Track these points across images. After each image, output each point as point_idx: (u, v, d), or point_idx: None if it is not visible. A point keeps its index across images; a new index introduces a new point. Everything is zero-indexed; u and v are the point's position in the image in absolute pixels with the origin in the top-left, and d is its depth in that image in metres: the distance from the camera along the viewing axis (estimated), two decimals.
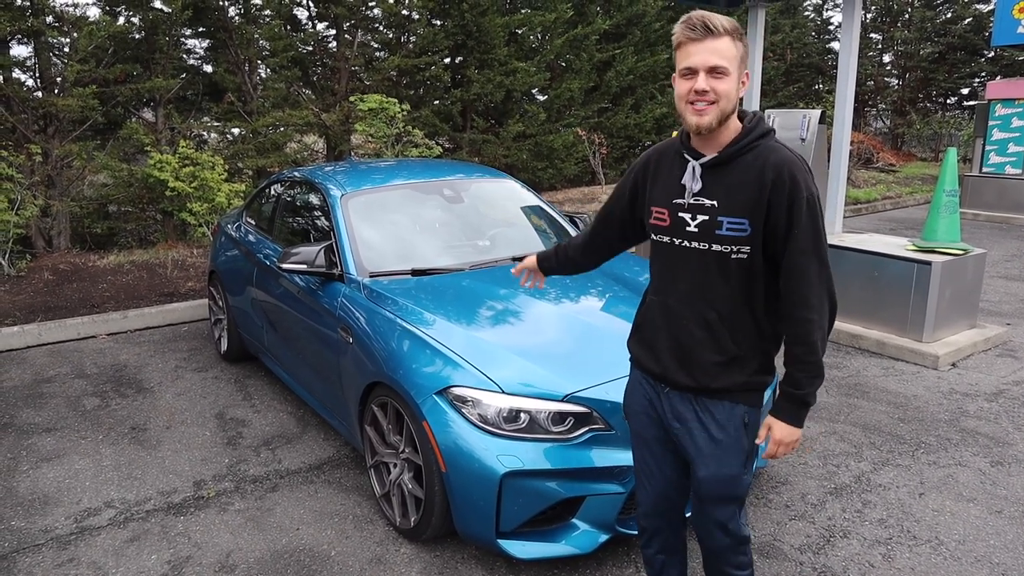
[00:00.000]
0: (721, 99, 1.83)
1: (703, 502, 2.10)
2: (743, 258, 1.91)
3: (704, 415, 2.03)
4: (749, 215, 1.87)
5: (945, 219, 5.47)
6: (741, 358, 1.99)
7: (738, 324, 1.98)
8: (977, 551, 2.99)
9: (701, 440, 2.04)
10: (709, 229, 1.92)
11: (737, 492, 2.08)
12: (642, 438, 2.21)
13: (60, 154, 8.41)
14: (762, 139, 1.91)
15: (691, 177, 1.94)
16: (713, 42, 1.81)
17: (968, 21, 19.19)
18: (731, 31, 1.82)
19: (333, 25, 11.52)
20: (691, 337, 2.01)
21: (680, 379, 2.04)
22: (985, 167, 11.76)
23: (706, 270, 1.95)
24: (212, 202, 8.00)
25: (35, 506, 3.42)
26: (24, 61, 8.61)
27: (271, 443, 4.02)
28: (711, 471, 2.03)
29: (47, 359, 5.44)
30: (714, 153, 1.92)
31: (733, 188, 1.89)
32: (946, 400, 4.51)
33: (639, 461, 2.24)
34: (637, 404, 2.20)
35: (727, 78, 1.83)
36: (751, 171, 1.88)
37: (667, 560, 2.35)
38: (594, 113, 14.08)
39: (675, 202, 1.98)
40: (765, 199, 1.85)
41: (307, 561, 2.97)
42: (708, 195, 1.92)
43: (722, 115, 1.86)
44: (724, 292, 1.95)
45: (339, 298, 3.56)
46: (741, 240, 1.89)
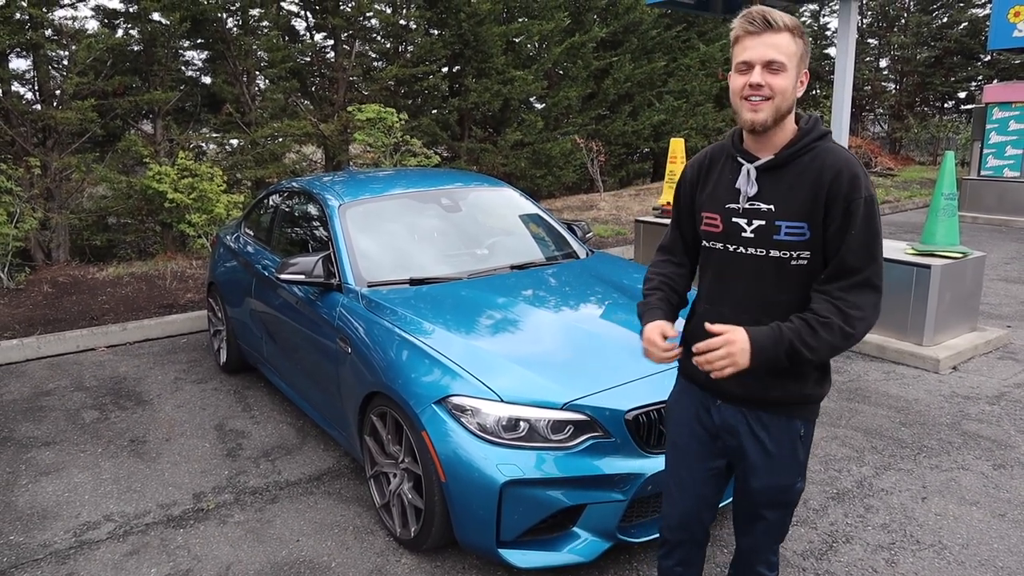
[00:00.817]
0: (776, 95, 1.77)
1: (756, 506, 2.05)
2: (803, 264, 1.83)
3: (758, 429, 1.96)
4: (808, 219, 1.80)
5: (944, 222, 5.47)
6: (799, 370, 1.88)
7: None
8: (981, 555, 2.97)
9: (754, 454, 1.97)
10: (766, 234, 1.84)
11: (790, 499, 2.04)
12: (681, 450, 2.13)
13: (59, 167, 8.43)
14: (819, 141, 1.83)
15: (746, 180, 1.86)
16: (772, 36, 1.76)
17: (964, 25, 19.27)
18: (792, 27, 1.77)
19: (331, 36, 11.57)
20: None
21: (733, 389, 1.95)
22: (983, 170, 11.77)
23: (763, 277, 1.88)
24: (211, 213, 8.00)
25: (34, 520, 3.40)
26: (23, 74, 8.65)
27: (271, 454, 4.01)
28: (764, 482, 1.99)
29: (46, 372, 5.43)
30: (770, 155, 1.85)
31: (791, 191, 1.82)
32: (947, 403, 4.50)
33: (672, 472, 2.17)
34: (682, 415, 2.12)
35: (784, 74, 1.77)
36: (809, 173, 1.81)
37: (684, 572, 2.29)
38: (592, 120, 14.12)
39: (728, 207, 1.91)
40: (823, 201, 1.78)
41: (307, 573, 2.95)
42: (764, 199, 1.85)
43: (777, 113, 1.79)
44: (782, 300, 1.87)
45: (337, 308, 3.56)
46: (800, 245, 1.82)
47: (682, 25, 15.67)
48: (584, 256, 4.30)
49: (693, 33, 16.15)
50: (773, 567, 2.19)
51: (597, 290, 3.71)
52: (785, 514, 2.08)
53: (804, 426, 1.97)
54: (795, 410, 1.95)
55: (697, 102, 15.85)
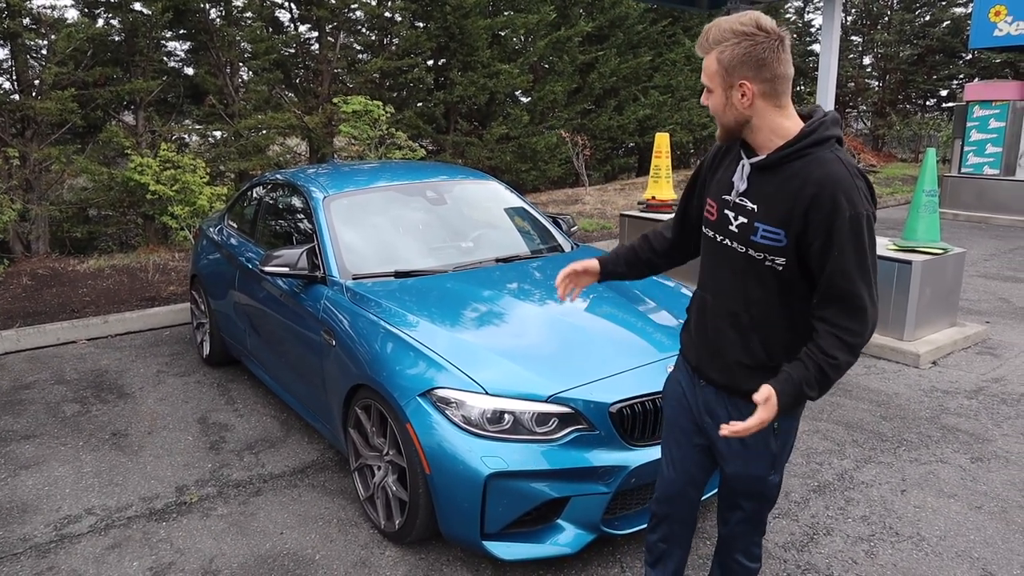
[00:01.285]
0: (716, 114, 1.87)
1: (734, 493, 2.13)
2: (779, 269, 1.85)
3: (735, 413, 2.00)
4: (785, 227, 1.80)
5: (925, 219, 5.53)
6: (769, 366, 1.91)
7: (770, 331, 1.92)
8: (958, 546, 3.02)
9: (729, 439, 2.02)
10: (746, 233, 1.88)
11: (764, 491, 2.09)
12: (673, 425, 2.22)
13: (39, 158, 8.32)
14: (815, 147, 1.78)
15: (740, 176, 1.90)
16: (705, 59, 1.84)
17: (946, 24, 19.46)
18: (712, 45, 1.79)
19: (315, 27, 11.48)
20: (723, 336, 1.99)
21: (712, 375, 2.04)
22: (964, 168, 11.90)
23: (744, 271, 1.91)
24: (194, 205, 7.94)
25: (13, 514, 3.37)
26: (1, 63, 8.52)
27: (254, 447, 3.99)
28: (736, 469, 2.07)
29: (26, 365, 5.37)
30: (763, 155, 1.86)
31: (774, 196, 1.82)
32: (927, 398, 4.55)
33: (666, 446, 2.26)
34: (673, 391, 2.22)
35: (711, 95, 1.85)
36: (794, 182, 1.78)
37: (667, 549, 2.34)
38: (577, 115, 14.13)
39: (723, 198, 1.96)
40: (802, 215, 1.77)
41: (291, 566, 2.95)
42: (751, 198, 1.87)
43: (725, 127, 1.88)
44: (759, 296, 1.90)
45: (322, 300, 3.54)
46: (775, 250, 1.83)
47: (667, 20, 15.71)
48: (569, 250, 4.31)
49: (679, 28, 16.19)
50: (755, 559, 2.23)
51: None
52: (761, 506, 2.13)
53: (779, 420, 1.93)
54: None
55: (682, 97, 15.90)
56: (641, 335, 3.15)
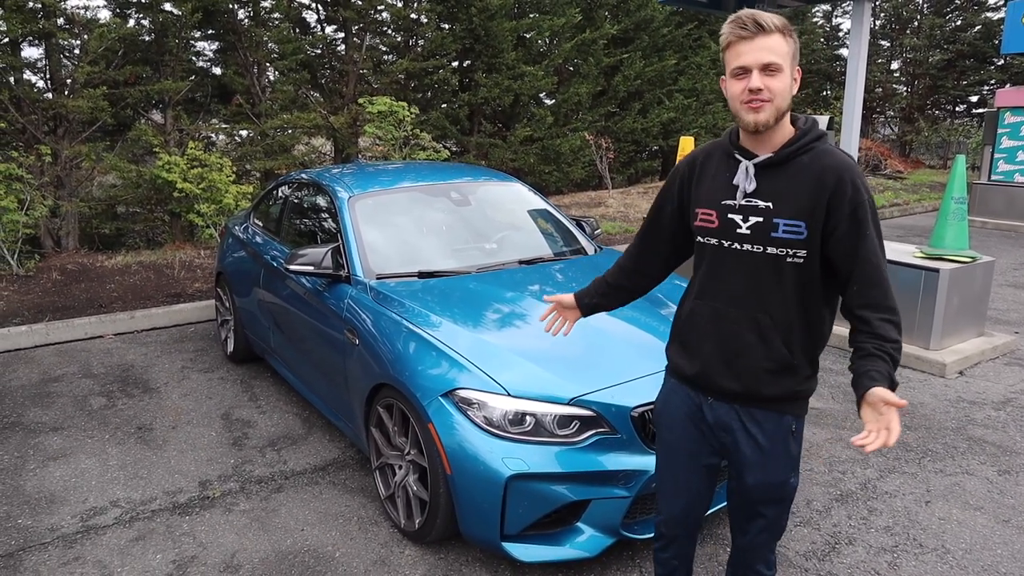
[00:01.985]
0: (776, 97, 1.79)
1: (750, 503, 2.06)
2: (799, 262, 1.85)
3: (751, 425, 1.97)
4: (807, 218, 1.81)
5: (953, 226, 5.46)
6: (793, 365, 1.91)
7: (791, 329, 1.90)
8: (984, 560, 2.97)
9: (748, 450, 1.99)
10: (763, 231, 1.86)
11: (786, 495, 2.05)
12: (674, 449, 2.14)
13: (69, 155, 8.46)
14: (817, 142, 1.85)
15: (744, 177, 1.88)
16: (765, 39, 1.77)
17: (978, 29, 19.17)
18: (782, 28, 1.78)
19: (342, 28, 11.57)
20: (741, 342, 1.93)
21: (727, 385, 1.97)
22: (994, 175, 11.72)
23: (759, 273, 1.88)
24: (220, 203, 8.03)
25: (41, 504, 3.43)
26: (35, 63, 8.68)
27: (276, 444, 4.03)
28: (758, 479, 2.00)
29: (55, 358, 5.46)
30: (768, 153, 1.86)
31: (790, 190, 1.83)
32: (953, 408, 4.49)
33: (666, 471, 2.19)
34: (674, 415, 2.13)
35: (780, 75, 1.78)
36: (808, 173, 1.82)
37: (679, 565, 2.34)
38: (601, 117, 14.10)
39: (725, 203, 1.92)
40: (824, 203, 1.80)
41: (311, 562, 2.97)
42: (762, 196, 1.86)
43: (778, 113, 1.81)
44: (778, 296, 1.88)
45: (345, 300, 3.57)
46: (797, 243, 1.83)
47: (693, 23, 15.63)
48: (592, 252, 4.30)
49: (704, 31, 16.11)
50: (771, 565, 2.20)
51: None
52: (782, 510, 2.09)
53: (795, 422, 1.98)
54: (787, 406, 1.96)
55: (707, 101, 15.81)
56: (663, 339, 3.13)
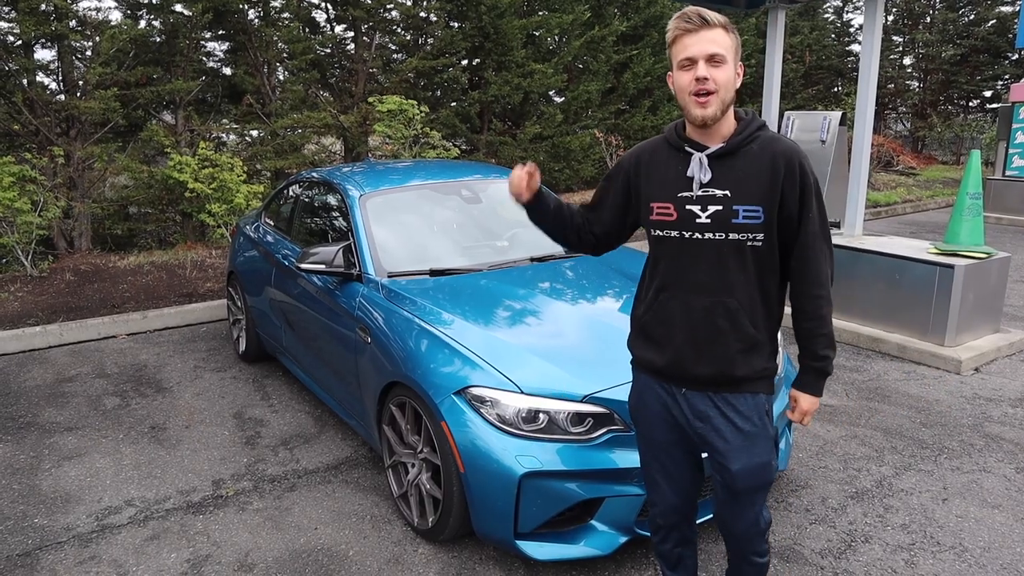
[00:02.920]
0: (721, 88, 1.89)
1: (736, 494, 2.10)
2: (758, 245, 1.96)
3: (727, 409, 2.05)
4: (763, 203, 1.93)
5: (968, 222, 5.40)
6: (760, 343, 2.03)
7: (756, 309, 2.02)
8: (1003, 559, 2.94)
9: (729, 434, 2.05)
10: (724, 219, 1.95)
11: (769, 478, 2.11)
12: (655, 442, 2.21)
13: (82, 156, 8.51)
14: (760, 131, 1.98)
15: (699, 168, 1.96)
16: (709, 32, 1.88)
17: (992, 23, 18.97)
18: (724, 24, 1.90)
19: (351, 27, 11.57)
20: (713, 327, 2.01)
21: (700, 371, 2.04)
22: (1008, 170, 11.60)
23: (723, 259, 1.97)
24: (231, 203, 8.04)
25: (57, 504, 3.45)
26: (47, 64, 8.72)
27: (289, 443, 4.04)
28: (743, 463, 2.05)
29: (68, 359, 5.49)
30: (718, 144, 1.96)
31: (745, 177, 1.94)
32: (969, 405, 4.44)
33: (651, 464, 2.26)
34: (649, 409, 2.19)
35: (725, 66, 1.89)
36: (760, 160, 1.94)
37: (683, 552, 2.39)
38: (611, 115, 14.05)
39: (681, 195, 1.99)
40: (779, 187, 1.93)
41: (325, 561, 2.97)
42: (719, 185, 1.95)
43: (723, 105, 1.91)
44: (741, 279, 1.98)
45: (357, 298, 3.57)
46: (756, 227, 1.94)
47: None
48: None
49: None
50: (764, 553, 2.27)
51: (617, 283, 3.69)
52: (765, 494, 2.16)
53: (767, 400, 2.09)
54: (758, 385, 2.07)
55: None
56: None
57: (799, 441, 3.97)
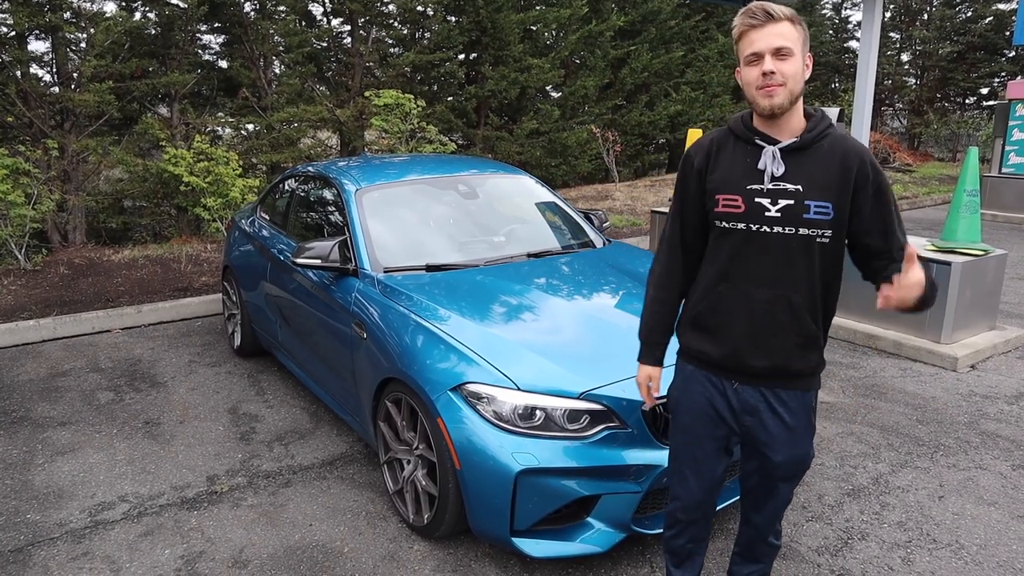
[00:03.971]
0: (789, 80, 1.88)
1: (775, 482, 2.17)
2: (825, 242, 1.96)
3: (777, 404, 2.07)
4: (834, 199, 1.93)
5: (965, 219, 5.40)
6: (817, 338, 2.05)
7: (816, 305, 2.02)
8: (999, 556, 2.94)
9: (775, 429, 2.08)
10: (795, 213, 1.94)
11: (807, 466, 2.18)
12: (695, 435, 2.19)
13: (76, 149, 8.47)
14: (830, 129, 1.97)
15: (772, 161, 1.95)
16: (775, 26, 1.88)
17: (989, 20, 19.00)
18: (791, 16, 1.90)
19: (348, 21, 11.53)
20: (775, 321, 2.01)
21: (757, 364, 2.03)
22: (1005, 167, 11.62)
23: (790, 254, 1.96)
24: (226, 197, 8.01)
25: (50, 499, 3.43)
26: (41, 56, 8.67)
27: (284, 439, 4.02)
28: (786, 455, 2.11)
29: (62, 353, 5.46)
30: (790, 139, 1.95)
31: (817, 173, 1.93)
32: (965, 402, 4.45)
33: (687, 457, 2.23)
34: (693, 401, 2.17)
35: (792, 59, 1.88)
36: (832, 157, 1.94)
37: (694, 548, 2.40)
38: (608, 110, 14.03)
39: (750, 188, 1.98)
40: (851, 185, 1.93)
41: (320, 557, 2.96)
42: (791, 180, 1.94)
43: (791, 96, 1.89)
44: (806, 274, 1.98)
45: (353, 293, 3.55)
46: (825, 224, 1.94)
47: (700, 15, 15.54)
48: (601, 245, 4.27)
49: (712, 24, 16.00)
50: (779, 535, 2.36)
51: (614, 280, 3.68)
52: (797, 483, 2.23)
53: (814, 397, 2.14)
54: (811, 381, 2.09)
55: (715, 93, 15.72)
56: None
57: None
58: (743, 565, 2.45)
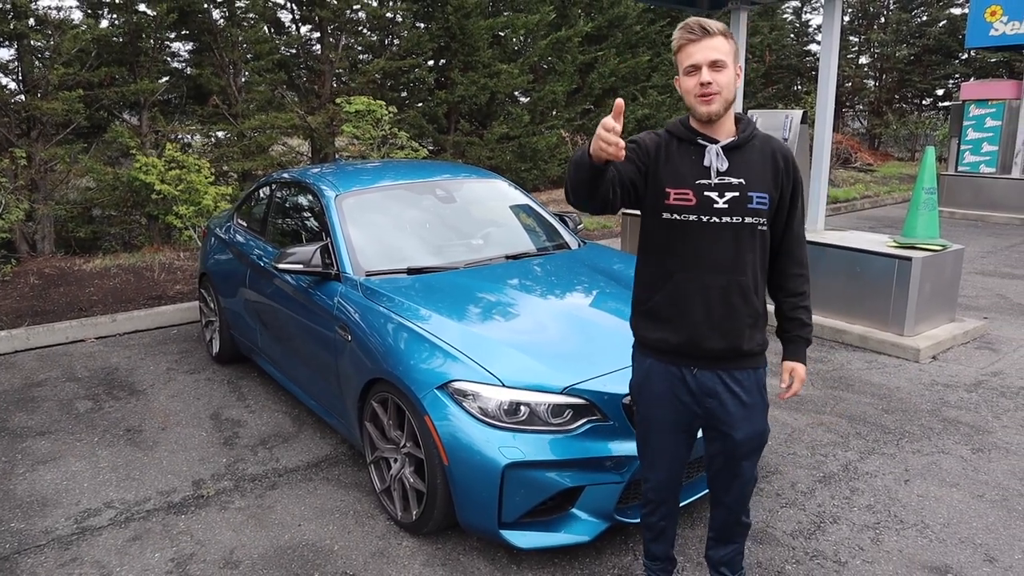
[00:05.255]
0: (724, 89, 2.09)
1: (735, 459, 2.32)
2: (763, 229, 2.21)
3: (733, 384, 2.27)
4: (770, 191, 2.18)
5: (924, 216, 5.61)
6: (761, 317, 2.27)
7: (759, 286, 2.25)
8: (961, 533, 3.09)
9: (734, 408, 2.27)
10: (740, 204, 2.15)
11: (764, 442, 2.38)
12: (660, 423, 2.36)
13: (44, 157, 8.36)
14: (755, 130, 2.23)
15: (717, 158, 2.15)
16: (710, 40, 2.08)
17: (943, 24, 19.56)
18: (723, 32, 2.10)
19: (317, 28, 11.53)
20: (728, 304, 2.20)
21: (713, 345, 2.21)
22: (960, 166, 12.00)
23: (738, 241, 2.17)
24: (199, 205, 7.98)
25: (34, 508, 3.43)
26: (7, 64, 8.55)
27: (268, 442, 4.05)
28: (746, 432, 2.29)
29: (36, 363, 5.42)
30: (728, 138, 2.17)
31: (756, 168, 2.18)
32: (928, 391, 4.63)
33: (653, 444, 2.41)
34: (655, 390, 2.33)
35: (726, 70, 2.09)
36: (765, 154, 2.20)
37: (667, 524, 2.56)
38: (577, 115, 14.19)
39: (700, 182, 2.16)
40: (779, 178, 2.20)
41: (311, 556, 3.01)
42: (734, 174, 2.16)
43: (726, 103, 2.12)
44: (750, 259, 2.20)
45: (336, 297, 3.60)
46: (763, 213, 2.18)
47: (666, 20, 15.78)
48: (576, 247, 4.38)
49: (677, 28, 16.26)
50: (748, 513, 2.53)
51: (591, 279, 3.79)
52: (757, 460, 2.40)
53: (764, 374, 2.34)
54: (759, 359, 2.30)
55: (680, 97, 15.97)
56: None
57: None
58: (719, 548, 2.57)
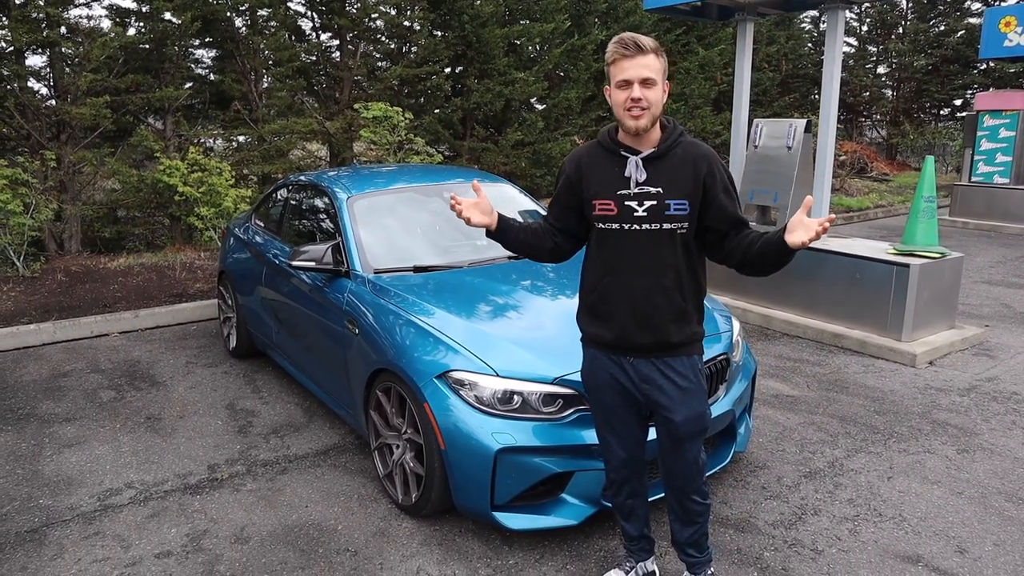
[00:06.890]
0: (652, 105, 2.23)
1: (679, 440, 2.45)
2: (684, 232, 2.35)
3: (667, 371, 2.42)
4: (689, 197, 2.32)
5: (923, 224, 5.72)
6: (688, 313, 2.40)
7: (684, 286, 2.39)
8: (936, 526, 3.22)
9: (671, 391, 2.42)
10: (659, 211, 2.32)
11: (705, 425, 2.50)
12: (607, 407, 2.55)
13: (72, 160, 8.67)
14: (681, 137, 2.35)
15: (636, 169, 2.31)
16: (643, 58, 2.20)
17: (961, 34, 19.51)
18: (655, 49, 2.23)
19: (336, 36, 11.80)
20: (650, 303, 2.36)
21: (642, 340, 2.39)
22: (974, 176, 12.02)
23: (658, 246, 2.34)
24: (219, 207, 8.24)
25: (60, 487, 3.65)
26: (39, 71, 8.88)
27: (279, 431, 4.26)
28: (684, 414, 2.42)
29: (63, 355, 5.67)
30: (650, 149, 2.31)
31: (674, 177, 2.32)
32: (920, 395, 4.74)
33: (603, 426, 2.59)
34: (599, 378, 2.53)
35: (655, 88, 2.23)
36: (686, 162, 2.33)
37: (635, 503, 2.70)
38: (591, 122, 14.35)
39: (620, 193, 2.33)
40: (701, 184, 2.32)
41: (316, 534, 3.20)
42: (653, 183, 2.31)
43: (653, 118, 2.27)
44: (672, 261, 2.35)
45: (346, 293, 3.81)
46: (683, 218, 2.32)
47: (681, 29, 15.92)
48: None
49: (692, 37, 16.39)
50: (706, 496, 2.60)
51: None
52: (700, 440, 2.51)
53: (699, 360, 2.48)
54: (692, 348, 2.44)
55: (695, 105, 16.08)
56: None
57: (759, 427, 4.25)
58: (682, 530, 2.66)
